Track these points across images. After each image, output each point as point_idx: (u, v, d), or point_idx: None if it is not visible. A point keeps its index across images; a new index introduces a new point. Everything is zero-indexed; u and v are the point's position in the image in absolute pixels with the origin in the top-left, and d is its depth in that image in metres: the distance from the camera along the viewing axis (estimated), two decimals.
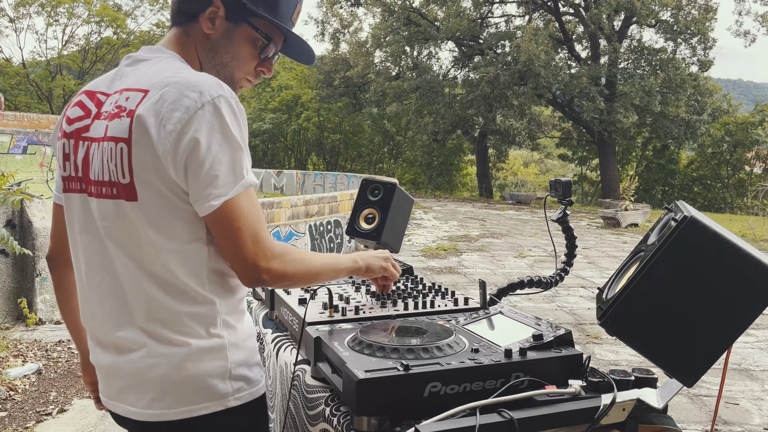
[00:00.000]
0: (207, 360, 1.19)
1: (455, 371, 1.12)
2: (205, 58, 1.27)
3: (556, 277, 1.87)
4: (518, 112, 24.59)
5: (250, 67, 1.31)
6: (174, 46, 1.26)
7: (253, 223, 1.14)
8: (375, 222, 2.18)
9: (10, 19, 34.36)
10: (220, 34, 1.25)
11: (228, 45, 1.26)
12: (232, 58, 1.27)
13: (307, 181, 23.30)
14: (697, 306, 1.16)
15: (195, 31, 1.26)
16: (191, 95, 1.09)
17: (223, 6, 1.23)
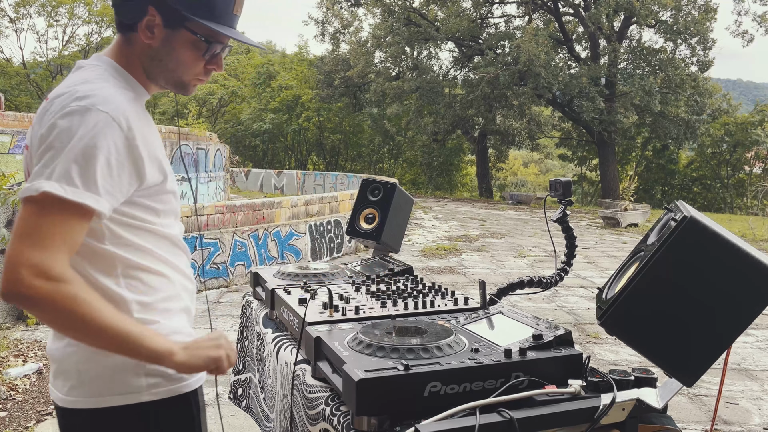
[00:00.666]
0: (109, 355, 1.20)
1: (455, 371, 1.12)
2: (149, 66, 1.29)
3: (556, 277, 1.88)
4: (518, 112, 24.59)
5: (197, 69, 1.31)
6: (115, 54, 1.29)
7: (42, 230, 1.07)
8: (375, 222, 2.19)
9: (10, 19, 34.36)
10: (159, 42, 1.26)
11: (170, 51, 1.27)
12: (177, 64, 1.28)
13: (307, 181, 23.31)
14: (696, 306, 1.17)
15: (136, 40, 1.27)
16: (64, 102, 1.14)
17: (159, 14, 1.24)
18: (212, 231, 7.35)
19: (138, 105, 1.25)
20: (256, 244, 7.93)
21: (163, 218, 1.30)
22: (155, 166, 1.22)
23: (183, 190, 12.28)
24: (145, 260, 1.26)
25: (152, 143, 1.23)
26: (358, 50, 26.99)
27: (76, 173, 1.09)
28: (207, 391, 4.26)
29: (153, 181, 1.23)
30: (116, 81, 1.25)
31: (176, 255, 1.35)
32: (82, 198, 1.09)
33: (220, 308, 6.31)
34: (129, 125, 1.15)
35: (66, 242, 1.09)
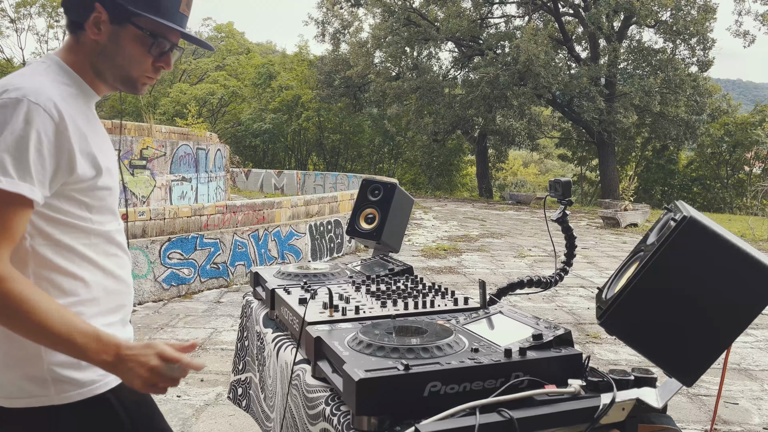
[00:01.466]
0: (22, 363, 1.22)
1: (455, 371, 1.12)
2: (98, 62, 1.30)
3: (556, 277, 1.88)
4: (518, 112, 24.59)
5: (146, 65, 1.32)
6: (63, 53, 1.31)
7: None
8: (375, 222, 2.19)
9: (11, 19, 34.36)
10: (106, 37, 1.27)
11: (117, 47, 1.28)
12: (124, 60, 1.29)
13: (308, 182, 23.31)
14: (696, 306, 1.17)
15: (84, 38, 1.28)
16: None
17: (105, 10, 1.25)
18: (212, 231, 7.36)
19: (79, 101, 1.27)
20: (256, 244, 7.93)
21: (96, 214, 1.29)
22: (88, 160, 1.23)
23: (183, 190, 12.29)
24: (62, 260, 1.25)
25: (88, 138, 1.23)
26: (358, 50, 26.99)
27: (9, 164, 1.11)
28: (207, 391, 4.26)
29: (84, 175, 1.22)
30: (57, 76, 1.26)
31: (110, 255, 1.34)
32: (18, 188, 1.11)
33: (221, 308, 6.31)
34: (60, 116, 1.17)
35: (7, 236, 1.12)
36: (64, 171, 1.19)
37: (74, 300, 1.27)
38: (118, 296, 1.37)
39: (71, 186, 1.22)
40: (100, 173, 1.26)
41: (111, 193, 1.32)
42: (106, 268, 1.32)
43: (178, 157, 12.18)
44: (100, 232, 1.31)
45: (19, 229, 1.15)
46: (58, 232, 1.24)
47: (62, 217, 1.24)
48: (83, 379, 1.27)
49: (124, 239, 1.40)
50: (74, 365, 1.25)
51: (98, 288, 1.31)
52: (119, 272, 1.36)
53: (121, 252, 1.38)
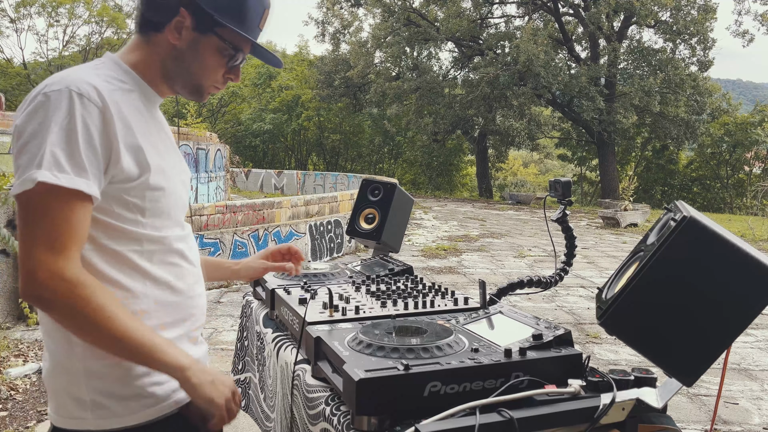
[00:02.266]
0: (64, 376, 1.17)
1: (455, 371, 1.12)
2: (171, 65, 1.26)
3: (556, 277, 1.88)
4: (518, 112, 24.60)
5: (217, 75, 1.29)
6: (125, 53, 1.26)
7: (48, 227, 1.05)
8: (375, 222, 2.19)
9: (10, 19, 34.35)
10: (186, 43, 1.24)
11: (194, 54, 1.25)
12: (199, 68, 1.26)
13: (308, 182, 23.31)
14: (696, 305, 1.17)
15: (160, 40, 1.24)
16: (39, 89, 1.11)
17: (190, 17, 1.22)
18: (212, 231, 7.36)
19: (132, 97, 1.21)
20: (256, 244, 7.93)
21: (150, 218, 1.21)
22: (132, 154, 1.15)
23: None
24: (107, 267, 1.17)
25: (135, 131, 1.17)
26: (358, 50, 26.99)
27: (63, 159, 1.06)
28: None
29: (129, 171, 1.15)
30: (110, 72, 1.21)
31: (167, 264, 1.25)
32: (75, 184, 1.06)
33: (220, 308, 6.31)
34: (104, 103, 1.12)
35: (74, 236, 1.07)
36: (113, 162, 1.13)
37: None
38: (177, 309, 1.27)
39: (119, 185, 1.15)
40: (148, 170, 1.18)
41: (165, 195, 1.23)
42: (159, 278, 1.23)
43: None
44: (155, 239, 1.22)
45: (84, 227, 1.09)
46: (106, 237, 1.17)
47: (111, 220, 1.17)
48: (118, 411, 1.19)
49: (188, 247, 1.32)
50: (108, 393, 1.18)
51: (148, 300, 1.21)
52: (177, 283, 1.27)
53: (183, 261, 1.29)
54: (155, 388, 1.22)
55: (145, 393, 1.20)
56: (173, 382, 1.18)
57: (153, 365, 1.12)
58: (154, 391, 1.22)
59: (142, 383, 1.20)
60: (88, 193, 1.08)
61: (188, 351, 1.28)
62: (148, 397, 1.21)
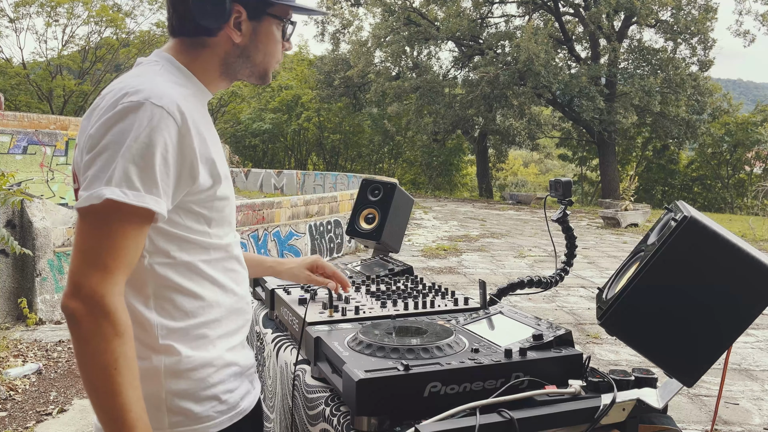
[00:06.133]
0: (142, 381, 1.12)
1: (455, 371, 1.12)
2: (235, 63, 1.24)
3: (556, 277, 1.87)
4: (518, 112, 24.60)
5: (279, 54, 1.28)
6: (181, 54, 1.22)
7: (103, 245, 1.02)
8: (375, 222, 2.18)
9: (10, 19, 34.34)
10: (248, 37, 1.22)
11: (257, 44, 1.23)
12: (264, 55, 1.25)
13: (307, 181, 23.30)
14: (696, 306, 1.16)
15: (217, 42, 1.21)
16: (115, 98, 1.08)
17: (244, 9, 1.20)
18: None
19: (195, 102, 1.18)
20: (256, 244, 7.92)
21: (215, 228, 1.20)
22: (207, 167, 1.13)
23: None
24: (182, 279, 1.16)
25: (206, 143, 1.14)
26: (358, 50, 26.99)
27: (135, 175, 1.03)
28: None
29: (204, 184, 1.13)
30: (172, 76, 1.17)
31: (229, 271, 1.25)
32: (144, 202, 1.03)
33: None
34: (183, 118, 1.08)
35: (126, 259, 1.04)
36: (186, 179, 1.10)
37: (198, 322, 1.18)
38: (240, 315, 1.28)
39: (190, 197, 1.13)
40: (219, 181, 1.17)
41: (229, 203, 1.23)
42: (226, 285, 1.23)
43: None
44: (219, 246, 1.22)
45: (139, 249, 1.07)
46: (177, 249, 1.15)
47: (181, 233, 1.15)
48: (200, 413, 1.18)
49: (240, 252, 1.31)
50: (190, 395, 1.17)
51: (221, 308, 1.22)
52: (238, 289, 1.27)
53: (240, 266, 1.29)
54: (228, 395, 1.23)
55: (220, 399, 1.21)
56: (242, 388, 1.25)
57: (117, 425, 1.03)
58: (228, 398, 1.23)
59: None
60: (156, 211, 1.05)
61: (245, 355, 1.30)
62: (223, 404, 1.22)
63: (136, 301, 1.14)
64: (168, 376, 1.15)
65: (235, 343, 1.26)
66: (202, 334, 1.19)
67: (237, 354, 1.27)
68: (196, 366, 1.17)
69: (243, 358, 1.29)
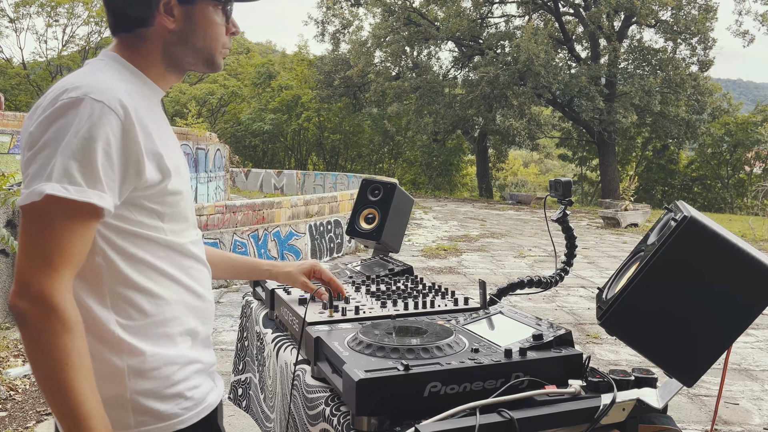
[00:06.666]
0: (104, 384, 1.11)
1: (455, 371, 1.12)
2: (175, 52, 1.21)
3: (556, 277, 1.87)
4: (518, 112, 24.61)
5: (223, 37, 1.24)
6: (123, 51, 1.20)
7: (47, 243, 1.01)
8: (375, 222, 2.18)
9: (10, 19, 34.37)
10: (182, 22, 1.19)
11: (194, 28, 1.20)
12: (205, 39, 1.21)
13: (307, 181, 23.30)
14: (696, 306, 1.16)
15: (152, 32, 1.19)
16: (55, 95, 1.06)
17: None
18: (212, 231, 7.35)
19: (141, 97, 1.16)
20: (256, 244, 7.92)
21: (169, 223, 1.19)
22: (154, 161, 1.12)
23: None
24: (139, 277, 1.15)
25: (153, 137, 1.13)
26: (358, 50, 27.01)
27: (77, 170, 1.01)
28: None
29: (152, 179, 1.12)
30: (116, 73, 1.16)
31: (188, 269, 1.24)
32: (87, 197, 1.01)
33: (220, 308, 6.31)
34: (126, 113, 1.07)
35: (72, 257, 1.03)
36: (132, 174, 1.09)
37: (157, 320, 1.17)
38: (202, 314, 1.27)
39: (140, 192, 1.12)
40: (168, 176, 1.15)
41: (183, 198, 1.21)
42: (184, 283, 1.22)
43: None
44: (176, 244, 1.20)
45: (84, 248, 1.05)
46: (131, 246, 1.14)
47: (134, 229, 1.14)
48: (166, 411, 1.17)
49: (201, 250, 1.30)
50: (155, 394, 1.17)
51: (181, 306, 1.21)
52: (199, 288, 1.26)
53: (199, 265, 1.27)
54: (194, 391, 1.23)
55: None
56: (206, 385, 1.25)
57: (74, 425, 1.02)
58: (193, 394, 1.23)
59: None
60: (101, 206, 1.04)
61: (208, 354, 1.30)
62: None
63: (92, 301, 1.12)
64: (131, 375, 1.14)
65: (197, 342, 1.25)
66: (162, 333, 1.18)
67: (199, 352, 1.26)
68: (159, 364, 1.16)
69: (206, 356, 1.28)
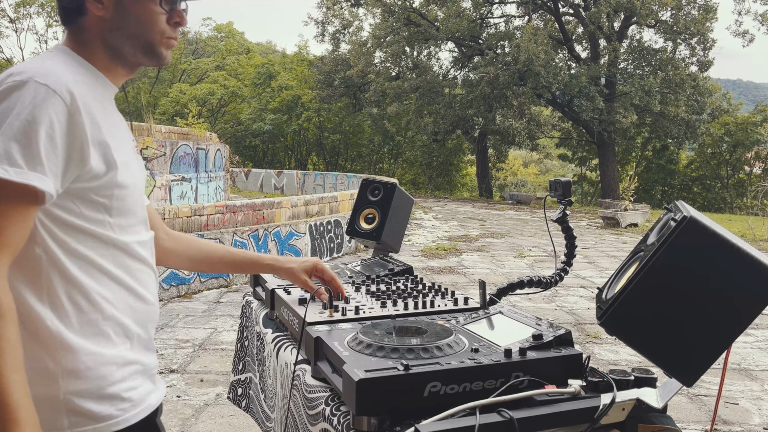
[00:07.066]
0: (36, 383, 1.07)
1: (455, 371, 1.12)
2: (112, 40, 1.18)
3: (556, 277, 1.88)
4: (518, 112, 24.60)
5: (161, 25, 1.19)
6: (71, 44, 1.19)
7: None
8: (375, 222, 2.19)
9: (10, 19, 34.38)
10: (112, 9, 1.15)
11: (126, 14, 1.16)
12: (138, 25, 1.17)
13: (307, 182, 23.30)
14: (696, 306, 1.17)
15: (88, 21, 1.17)
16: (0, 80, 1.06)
17: None
18: (212, 231, 7.35)
19: (91, 89, 1.14)
20: (256, 244, 7.93)
21: (116, 218, 1.16)
22: (100, 151, 1.09)
23: (183, 190, 12.28)
24: (79, 273, 1.11)
25: (101, 127, 1.11)
26: (358, 50, 27.00)
27: (17, 152, 0.99)
28: (207, 391, 4.26)
29: (97, 169, 1.09)
30: (64, 62, 1.14)
31: (130, 269, 1.20)
32: (27, 178, 0.99)
33: (220, 308, 6.31)
34: (72, 98, 1.05)
35: (8, 241, 1.00)
36: (76, 161, 1.06)
37: (95, 318, 1.14)
38: (142, 317, 1.24)
39: (85, 184, 1.10)
40: (114, 167, 1.12)
41: (130, 193, 1.18)
42: (127, 284, 1.20)
43: (178, 157, 12.18)
44: (120, 243, 1.17)
45: (22, 233, 1.03)
46: (74, 241, 1.11)
47: (78, 222, 1.11)
48: (101, 413, 1.14)
49: (151, 254, 1.27)
50: (90, 394, 1.13)
51: (120, 307, 1.18)
52: (142, 290, 1.23)
53: (145, 267, 1.25)
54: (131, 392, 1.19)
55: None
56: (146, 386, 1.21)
57: (4, 425, 1.00)
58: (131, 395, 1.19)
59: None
60: (41, 189, 1.01)
61: (148, 357, 1.26)
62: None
63: (29, 294, 1.09)
64: (65, 375, 1.11)
65: (137, 344, 1.22)
66: (100, 332, 1.15)
67: (139, 354, 1.23)
68: (94, 364, 1.13)
69: (146, 358, 1.25)
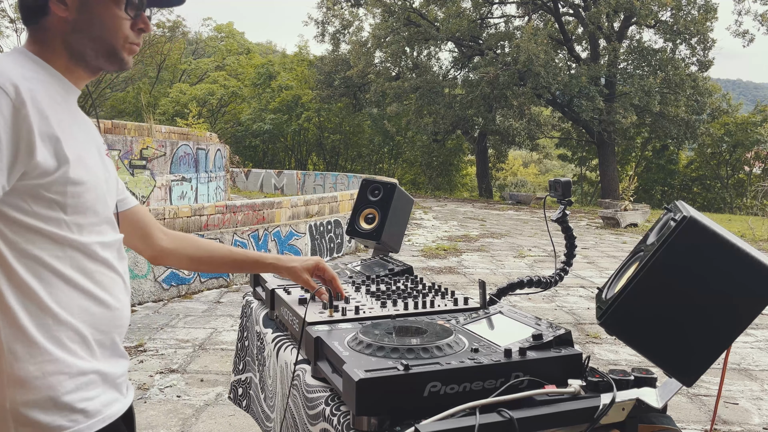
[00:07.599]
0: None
1: (455, 371, 1.12)
2: (73, 42, 1.16)
3: (556, 277, 1.88)
4: (518, 112, 24.60)
5: (125, 30, 1.17)
6: (31, 45, 1.17)
7: None
8: (375, 222, 2.19)
9: (10, 19, 34.36)
10: (75, 10, 1.14)
11: (89, 17, 1.14)
12: (101, 29, 1.16)
13: (307, 182, 23.31)
14: (696, 306, 1.17)
15: (49, 21, 1.14)
16: None
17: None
18: (212, 231, 7.35)
19: (45, 87, 1.11)
20: (256, 244, 7.93)
21: (73, 215, 1.11)
22: (49, 145, 1.06)
23: (183, 190, 12.29)
24: (28, 275, 1.07)
25: (50, 121, 1.07)
26: (358, 50, 27.00)
27: None
28: (207, 391, 4.26)
29: (46, 164, 1.05)
30: (15, 61, 1.12)
31: (88, 272, 1.14)
32: None
33: (221, 308, 6.31)
34: (17, 92, 1.02)
35: None
36: (24, 155, 1.03)
37: (44, 325, 1.08)
38: (103, 322, 1.17)
39: (35, 180, 1.05)
40: (66, 162, 1.08)
41: (87, 189, 1.13)
42: (84, 287, 1.13)
43: (178, 157, 12.19)
44: (77, 244, 1.12)
45: None
46: (24, 241, 1.06)
47: (30, 221, 1.06)
48: (50, 424, 1.08)
49: (113, 255, 1.21)
50: (37, 404, 1.08)
51: (76, 312, 1.12)
52: (102, 294, 1.17)
53: (108, 270, 1.19)
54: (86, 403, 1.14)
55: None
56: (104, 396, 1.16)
57: None
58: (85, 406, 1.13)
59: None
60: None
61: (113, 364, 1.21)
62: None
63: None
64: (11, 384, 1.06)
65: (97, 351, 1.16)
66: (52, 338, 1.09)
67: (102, 362, 1.17)
68: (42, 374, 1.07)
69: (109, 367, 1.19)
